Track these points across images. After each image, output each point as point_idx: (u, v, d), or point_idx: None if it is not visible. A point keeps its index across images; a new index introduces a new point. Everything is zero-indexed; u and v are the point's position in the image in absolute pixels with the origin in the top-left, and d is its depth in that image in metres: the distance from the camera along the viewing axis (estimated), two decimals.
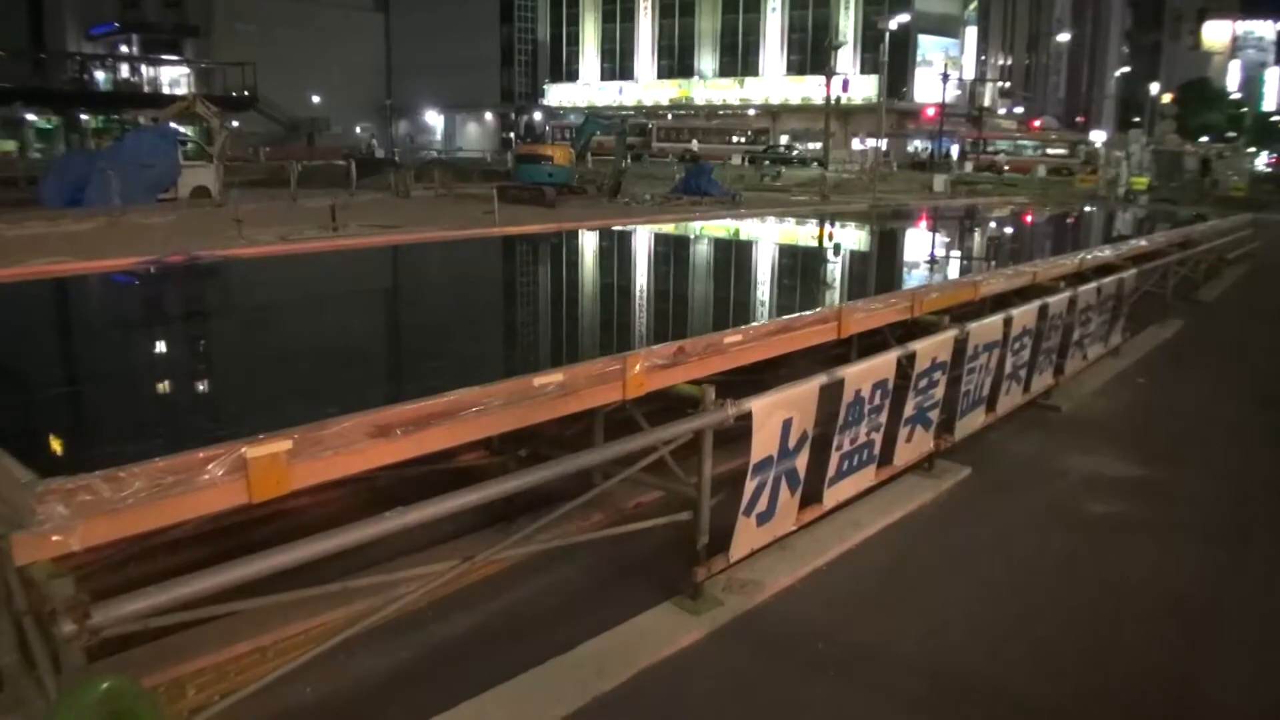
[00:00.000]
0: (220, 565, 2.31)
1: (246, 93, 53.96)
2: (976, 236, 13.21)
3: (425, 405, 2.89)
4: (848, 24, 66.85)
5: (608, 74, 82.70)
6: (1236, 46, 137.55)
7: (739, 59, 74.37)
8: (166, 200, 23.85)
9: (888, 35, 44.96)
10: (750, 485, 4.00)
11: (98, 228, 18.14)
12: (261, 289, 6.37)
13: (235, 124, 44.83)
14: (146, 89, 56.61)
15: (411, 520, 2.68)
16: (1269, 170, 70.28)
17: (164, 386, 3.86)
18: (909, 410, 5.27)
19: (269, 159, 43.08)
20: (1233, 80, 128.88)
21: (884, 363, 4.81)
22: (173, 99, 34.86)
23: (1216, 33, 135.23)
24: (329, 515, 3.79)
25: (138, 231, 17.54)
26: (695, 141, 61.61)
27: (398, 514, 2.65)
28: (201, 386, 3.95)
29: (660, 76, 79.31)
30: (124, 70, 60.19)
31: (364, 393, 3.33)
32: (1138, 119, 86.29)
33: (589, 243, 9.56)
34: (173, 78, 61.18)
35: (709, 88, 76.12)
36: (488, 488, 2.89)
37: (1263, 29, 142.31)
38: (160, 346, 4.74)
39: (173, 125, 26.80)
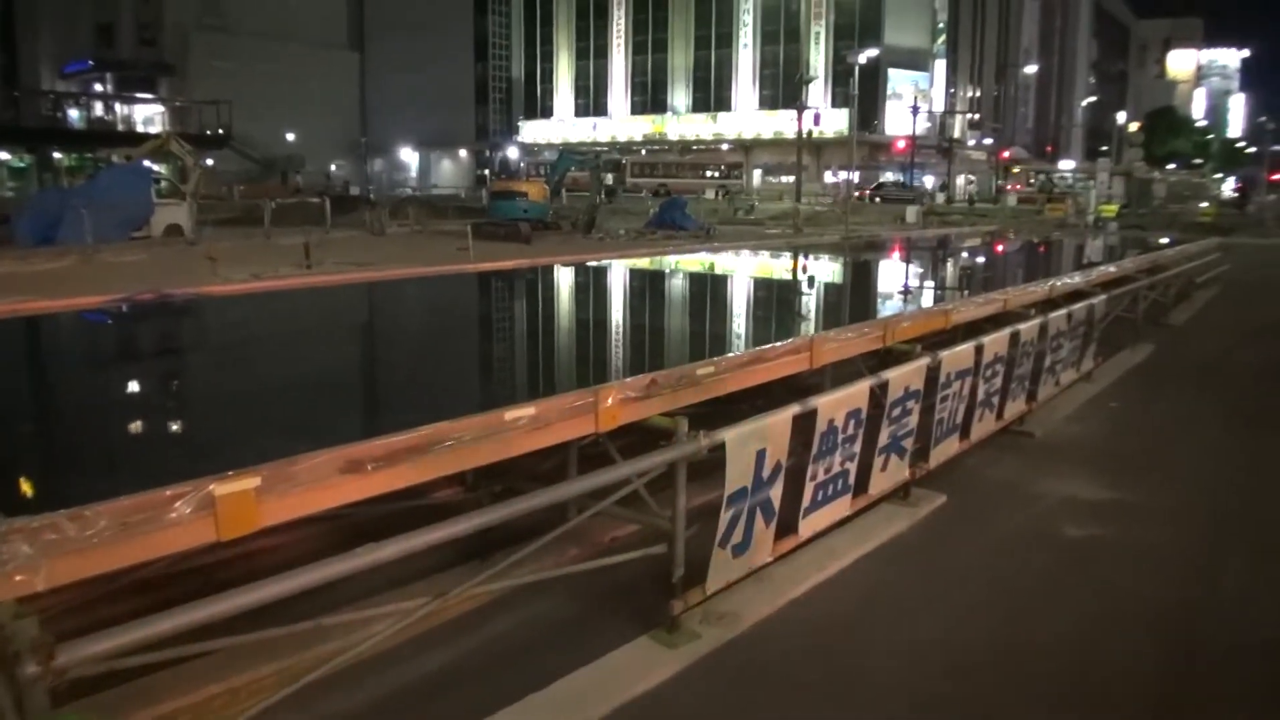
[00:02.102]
0: (188, 604, 2.28)
1: (221, 130, 53.98)
2: (948, 266, 13.35)
3: (397, 440, 2.87)
4: (818, 59, 67.76)
5: (582, 110, 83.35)
6: (1201, 75, 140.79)
7: (712, 94, 75.18)
8: (139, 238, 23.70)
9: (858, 69, 45.54)
10: (725, 517, 4.00)
11: (70, 265, 18.03)
12: (233, 326, 6.33)
13: (210, 162, 44.74)
14: (120, 127, 56.52)
15: (384, 556, 2.66)
16: (1235, 195, 71.65)
17: (133, 424, 3.83)
18: (883, 439, 5.29)
19: (243, 196, 42.99)
20: (1198, 108, 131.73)
21: (857, 392, 4.83)
22: (146, 137, 34.78)
23: (1181, 62, 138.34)
24: (300, 552, 3.75)
25: (110, 269, 17.45)
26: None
27: (370, 550, 2.64)
28: (171, 424, 3.92)
29: (634, 112, 79.99)
30: (98, 108, 60.09)
31: (335, 428, 3.31)
32: (1105, 148, 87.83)
33: (563, 278, 9.59)
34: (147, 116, 61.12)
35: (682, 123, 76.82)
36: (461, 523, 2.87)
37: (1226, 57, 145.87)
38: (130, 384, 4.70)
39: (146, 163, 26.72)
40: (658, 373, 3.95)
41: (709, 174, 65.84)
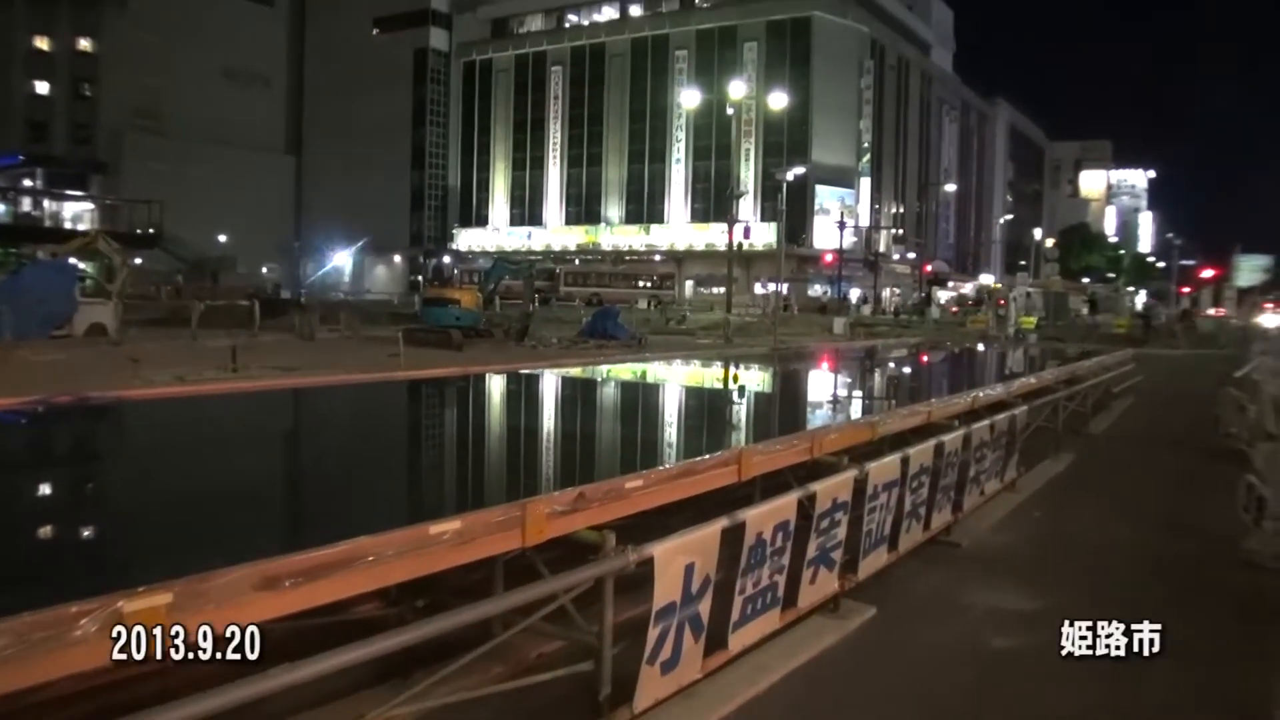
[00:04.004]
0: None
1: (152, 230, 53.44)
2: (875, 377, 13.62)
3: (316, 555, 2.80)
4: (749, 175, 70.05)
5: (517, 219, 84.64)
6: (1111, 193, 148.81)
7: (645, 206, 77.08)
8: (61, 336, 23.14)
9: (786, 186, 47.10)
10: (653, 633, 3.94)
11: None
12: (151, 432, 6.17)
13: (138, 261, 44.18)
14: (48, 223, 55.71)
15: (300, 677, 2.57)
16: (1145, 308, 74.98)
17: (38, 535, 3.68)
18: (812, 551, 5.30)
19: (170, 297, 42.37)
20: (1110, 225, 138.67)
21: (785, 504, 4.86)
22: (75, 234, 34.30)
23: (1092, 181, 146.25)
24: (211, 672, 3.59)
25: (29, 368, 16.91)
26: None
27: (285, 670, 2.54)
28: (79, 535, 3.77)
29: (569, 222, 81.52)
30: (26, 203, 59.25)
31: (252, 542, 3.22)
32: (1023, 262, 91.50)
33: (494, 386, 9.56)
34: (76, 213, 60.43)
35: (616, 234, 78.39)
36: (381, 641, 2.79)
37: (1134, 177, 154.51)
38: (38, 491, 4.53)
39: (72, 260, 26.29)
40: (586, 486, 3.93)
41: (642, 284, 67.07)
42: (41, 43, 79.02)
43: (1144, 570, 7.25)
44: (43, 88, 79.05)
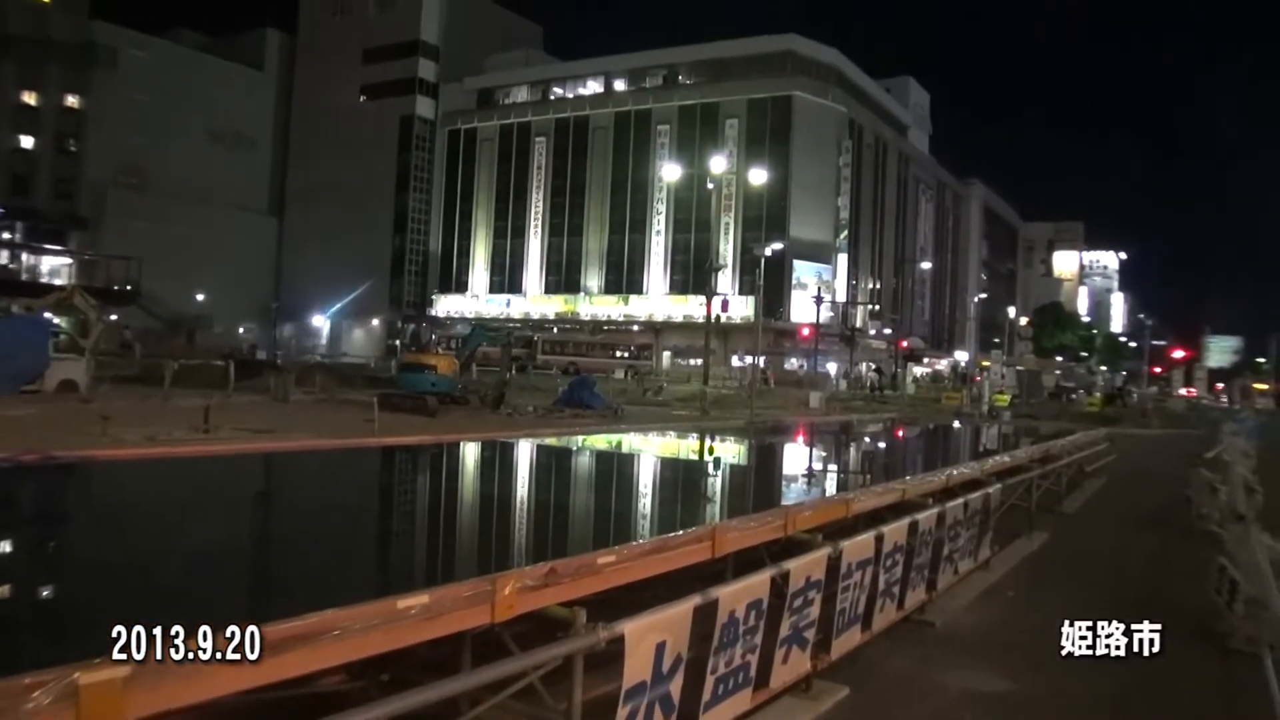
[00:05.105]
0: None
1: (130, 286, 53.29)
2: (850, 452, 13.64)
3: (280, 628, 2.75)
4: (728, 248, 70.86)
5: (496, 286, 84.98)
6: (1084, 274, 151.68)
7: (624, 277, 77.68)
8: (31, 392, 22.88)
9: (764, 260, 47.65)
10: (623, 712, 3.87)
11: None
12: (118, 494, 6.07)
13: (114, 317, 43.94)
14: (25, 276, 55.44)
15: None
16: (1118, 388, 75.88)
17: None
18: (785, 630, 5.25)
19: (144, 355, 42.06)
20: (1082, 304, 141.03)
21: (758, 582, 4.82)
22: (52, 288, 34.14)
23: (1065, 262, 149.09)
24: None
25: None
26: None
27: None
28: (34, 602, 3.68)
29: (548, 291, 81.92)
30: (3, 256, 59.04)
31: (214, 613, 3.15)
32: (997, 340, 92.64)
33: (468, 455, 9.49)
34: (54, 267, 60.24)
35: (594, 303, 78.80)
36: (346, 718, 2.72)
37: (1106, 258, 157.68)
38: None
39: (47, 315, 26.11)
40: (558, 561, 3.89)
41: (619, 354, 67.18)
42: (29, 98, 79.46)
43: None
44: (27, 141, 79.32)
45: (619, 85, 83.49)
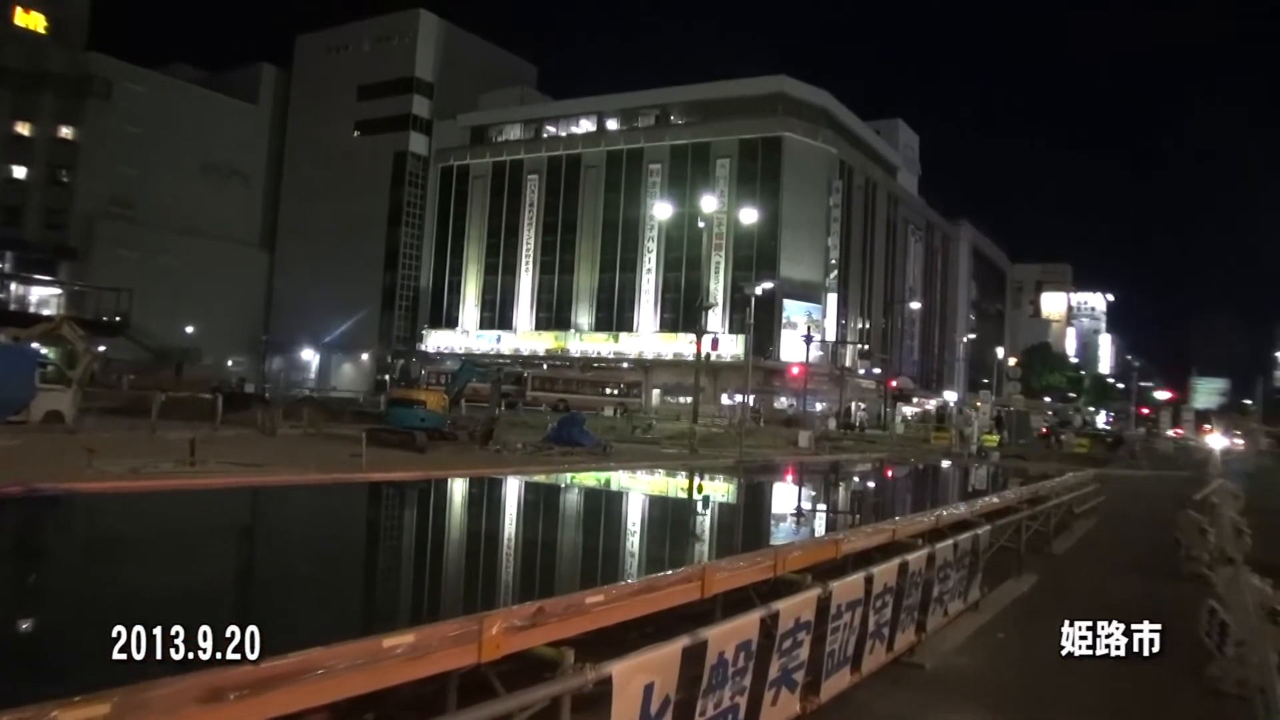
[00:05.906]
0: None
1: (119, 318, 53.11)
2: (840, 492, 13.62)
3: (264, 668, 2.71)
4: (718, 287, 71.06)
5: (487, 323, 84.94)
6: (1072, 315, 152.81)
7: (614, 314, 77.74)
8: (16, 422, 22.68)
9: (754, 299, 47.79)
10: None
11: None
12: (101, 527, 6.00)
13: (102, 349, 43.75)
14: (14, 306, 55.23)
15: None
16: (1107, 428, 76.06)
17: None
18: (774, 672, 5.19)
19: (132, 387, 41.83)
20: (1070, 345, 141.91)
21: (748, 623, 4.77)
22: (40, 318, 33.99)
23: (1053, 303, 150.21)
24: None
25: None
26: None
27: None
28: (13, 636, 3.62)
29: (538, 328, 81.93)
30: None
31: (196, 650, 3.10)
32: (986, 380, 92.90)
33: (455, 491, 9.44)
34: (43, 297, 60.04)
35: (585, 340, 78.79)
36: None
37: (1094, 300, 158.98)
38: None
39: (35, 345, 25.96)
40: (546, 600, 3.85)
41: (609, 391, 67.00)
42: (22, 128, 79.55)
43: (1108, 695, 7.17)
44: (19, 172, 79.30)
45: (611, 124, 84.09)
